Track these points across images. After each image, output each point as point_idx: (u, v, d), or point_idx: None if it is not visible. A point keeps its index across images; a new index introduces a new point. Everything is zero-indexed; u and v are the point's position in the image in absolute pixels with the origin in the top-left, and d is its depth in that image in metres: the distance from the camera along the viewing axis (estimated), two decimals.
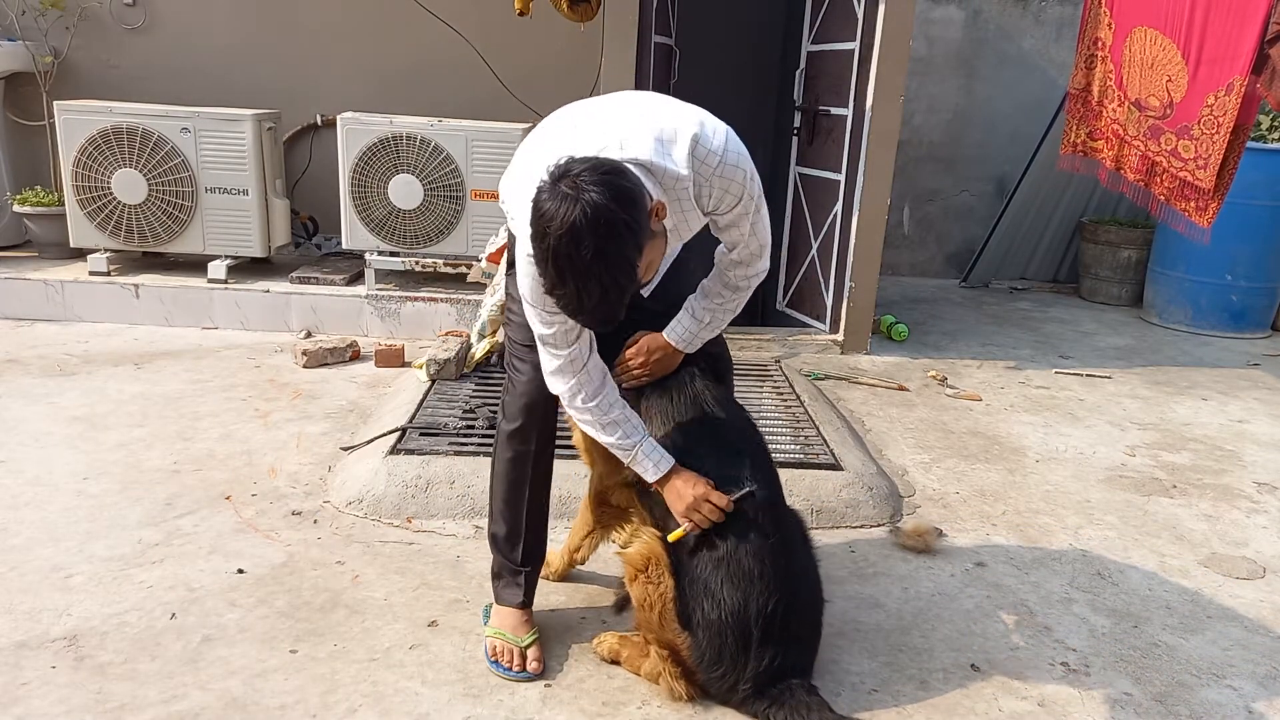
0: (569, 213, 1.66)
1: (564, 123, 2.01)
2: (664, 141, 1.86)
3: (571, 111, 2.04)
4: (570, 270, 1.69)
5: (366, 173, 4.71)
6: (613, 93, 2.13)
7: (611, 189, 1.69)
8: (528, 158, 2.01)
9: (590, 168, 1.71)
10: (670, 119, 1.89)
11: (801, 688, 2.05)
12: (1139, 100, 4.41)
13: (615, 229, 1.69)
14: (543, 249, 1.71)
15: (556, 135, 1.96)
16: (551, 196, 1.70)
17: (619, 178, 1.73)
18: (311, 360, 4.27)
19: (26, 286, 4.75)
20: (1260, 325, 5.86)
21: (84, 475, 3.09)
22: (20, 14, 5.18)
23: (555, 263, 1.70)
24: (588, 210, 1.66)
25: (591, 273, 1.69)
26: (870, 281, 4.82)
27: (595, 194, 1.67)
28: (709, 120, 1.93)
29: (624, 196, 1.71)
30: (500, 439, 2.29)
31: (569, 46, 5.37)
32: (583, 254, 1.67)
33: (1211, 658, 2.46)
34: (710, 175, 1.91)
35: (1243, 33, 3.86)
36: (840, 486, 3.14)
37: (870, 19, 4.55)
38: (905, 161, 6.47)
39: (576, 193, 1.67)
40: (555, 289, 1.74)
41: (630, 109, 1.95)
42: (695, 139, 1.87)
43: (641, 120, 1.89)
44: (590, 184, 1.68)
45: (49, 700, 2.05)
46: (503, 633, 2.27)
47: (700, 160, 1.88)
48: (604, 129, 1.89)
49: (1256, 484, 3.60)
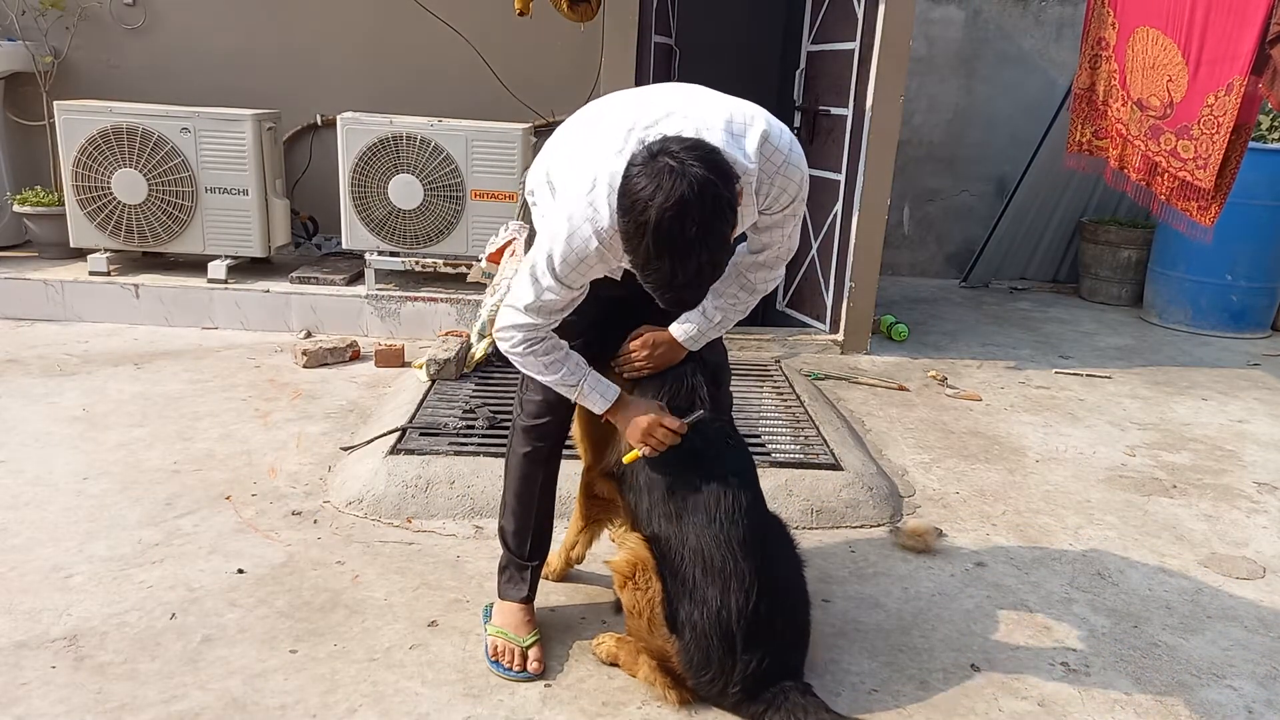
0: (676, 186, 1.65)
1: (619, 108, 1.99)
2: (734, 134, 1.86)
3: (622, 100, 2.04)
4: (670, 245, 1.69)
5: (366, 173, 4.71)
6: (654, 85, 2.12)
7: (714, 166, 1.70)
8: (580, 139, 2.02)
9: (689, 146, 1.71)
10: (739, 111, 1.90)
11: (795, 689, 2.05)
12: (1140, 100, 4.42)
13: (720, 206, 1.69)
14: (641, 222, 1.69)
15: (616, 117, 1.95)
16: (650, 172, 1.69)
17: (718, 155, 1.74)
18: (311, 360, 4.27)
19: (26, 286, 4.75)
20: (1260, 325, 5.86)
21: (84, 475, 3.09)
22: (20, 14, 5.18)
23: (656, 237, 1.68)
24: (694, 185, 1.66)
25: (692, 249, 1.69)
26: (870, 281, 4.82)
27: (700, 170, 1.67)
28: (773, 118, 1.94)
29: (726, 175, 1.72)
30: (516, 434, 2.30)
31: (569, 46, 5.37)
32: (687, 230, 1.67)
33: (1211, 658, 2.46)
34: (774, 172, 1.92)
35: (1243, 33, 3.86)
36: (840, 486, 3.14)
37: (870, 19, 4.55)
38: (905, 161, 6.47)
39: (682, 168, 1.67)
40: (648, 264, 1.73)
41: (695, 97, 1.95)
42: (765, 134, 1.88)
43: (712, 108, 1.89)
44: (694, 161, 1.68)
45: (49, 700, 2.05)
46: (504, 632, 2.27)
47: (766, 157, 1.89)
48: (676, 113, 1.88)
49: (1256, 484, 3.60)
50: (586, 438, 2.32)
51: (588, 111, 2.12)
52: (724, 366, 2.43)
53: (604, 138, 1.91)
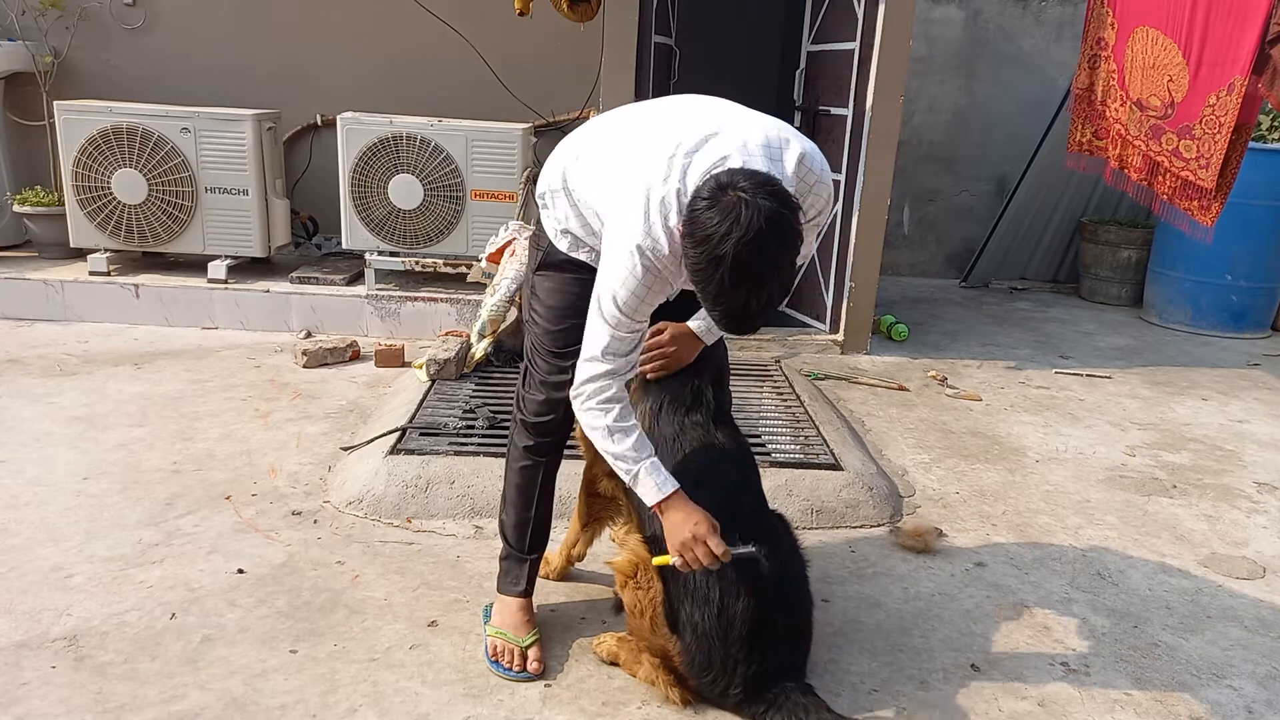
0: (753, 221, 1.69)
1: (654, 128, 1.97)
2: (773, 157, 1.88)
3: (653, 117, 2.02)
4: (747, 277, 1.72)
5: (366, 173, 4.71)
6: (679, 99, 2.11)
7: (783, 198, 1.74)
8: (610, 158, 2.01)
9: (755, 179, 1.74)
10: (775, 132, 1.93)
11: (797, 689, 2.05)
12: (1140, 100, 4.42)
13: (792, 236, 1.74)
14: (717, 256, 1.71)
15: (654, 139, 1.93)
16: (722, 207, 1.71)
17: (781, 186, 1.78)
18: (311, 360, 4.27)
19: (26, 286, 4.75)
20: (1260, 325, 5.86)
21: (84, 475, 3.09)
22: (20, 14, 5.18)
23: (734, 270, 1.71)
24: (773, 219, 1.70)
25: (767, 280, 1.73)
26: (870, 281, 4.82)
27: (770, 203, 1.71)
28: (803, 136, 1.98)
29: (793, 206, 1.77)
30: (517, 430, 2.30)
31: (569, 46, 5.37)
32: (765, 262, 1.71)
33: (1211, 658, 2.46)
34: (807, 191, 1.95)
35: (1243, 33, 3.86)
36: (840, 486, 3.14)
37: (870, 19, 4.55)
38: (905, 161, 6.46)
39: (754, 201, 1.70)
40: (721, 295, 1.75)
41: (730, 118, 1.95)
42: (801, 155, 1.92)
43: (750, 130, 1.91)
44: (763, 195, 1.71)
45: (49, 700, 2.05)
46: (504, 632, 2.27)
47: (800, 178, 1.92)
48: (717, 135, 1.89)
49: (1256, 484, 3.60)
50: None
51: (612, 125, 2.10)
52: (725, 368, 2.44)
53: (644, 162, 1.90)
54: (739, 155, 1.85)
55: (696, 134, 1.89)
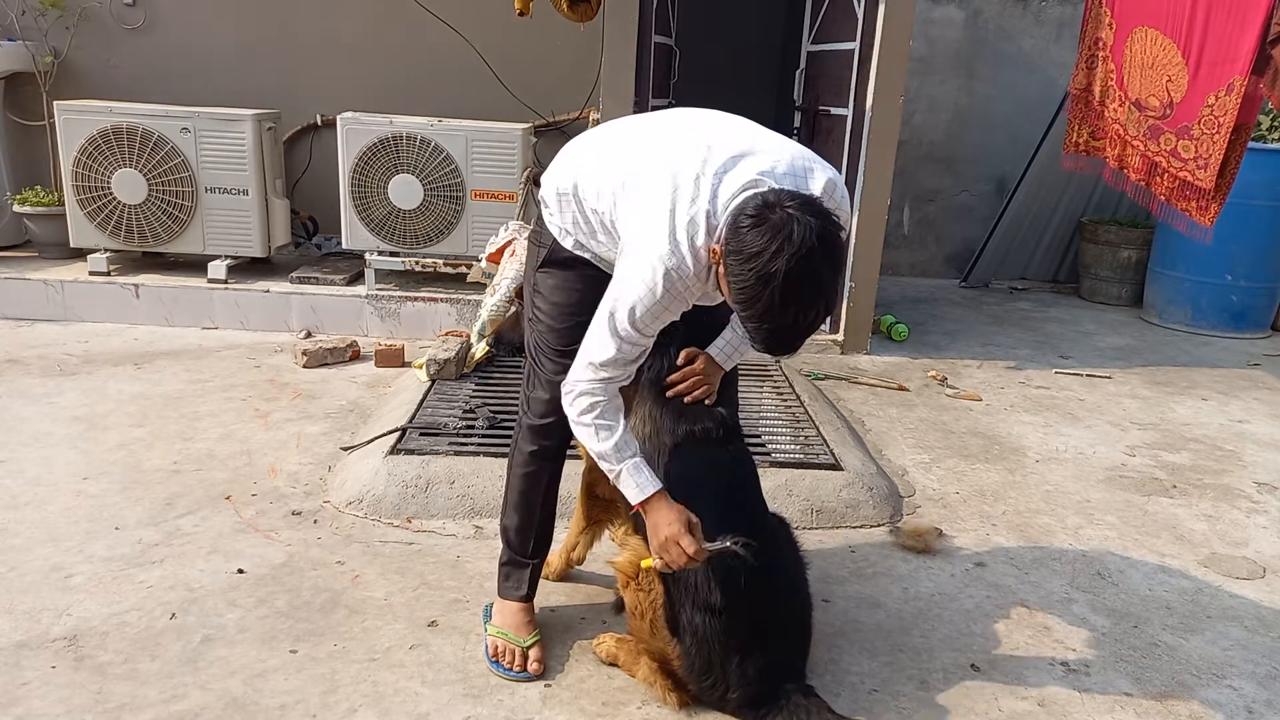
0: (805, 238, 1.69)
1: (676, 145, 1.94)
2: (799, 184, 1.87)
3: (673, 133, 1.99)
4: (796, 295, 1.72)
5: (366, 173, 4.71)
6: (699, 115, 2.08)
7: (830, 220, 1.75)
8: (626, 172, 1.98)
9: (800, 202, 1.75)
10: (801, 156, 1.92)
11: (797, 690, 2.05)
12: (1139, 100, 4.41)
13: (841, 256, 1.76)
14: (768, 273, 1.70)
15: (677, 157, 1.90)
16: (771, 225, 1.71)
17: (823, 205, 1.78)
18: (311, 360, 4.27)
19: (26, 286, 4.75)
20: (1260, 325, 5.86)
21: (84, 475, 3.09)
22: (20, 14, 5.18)
23: (785, 287, 1.70)
24: (824, 236, 1.71)
25: (816, 297, 1.74)
26: (870, 281, 4.82)
27: (819, 222, 1.72)
28: (828, 164, 1.96)
29: (839, 226, 1.77)
30: (521, 433, 2.29)
31: (569, 46, 5.37)
32: (816, 280, 1.72)
33: (1211, 658, 2.46)
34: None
35: (1243, 33, 3.86)
36: (840, 486, 3.14)
37: (870, 19, 4.55)
38: (905, 161, 6.46)
39: (804, 219, 1.71)
40: (769, 313, 1.74)
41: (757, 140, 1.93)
42: (829, 182, 1.90)
43: (776, 153, 1.90)
44: (810, 215, 1.72)
45: (49, 700, 2.05)
46: (505, 632, 2.27)
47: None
48: (746, 156, 1.88)
49: (1256, 484, 3.60)
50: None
51: (629, 136, 2.07)
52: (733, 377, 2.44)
53: (670, 180, 1.87)
54: (768, 178, 1.84)
55: (725, 154, 1.88)
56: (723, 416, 2.22)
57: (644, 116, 2.12)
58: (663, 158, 1.92)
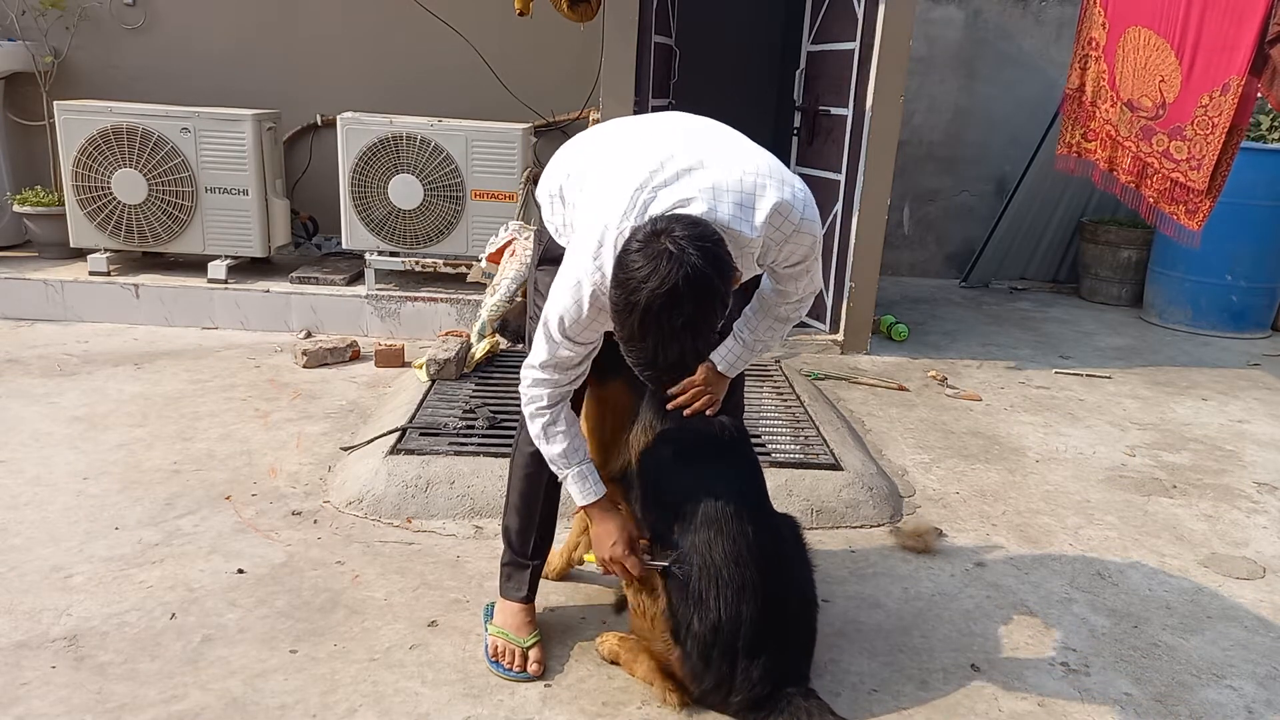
0: (671, 274, 1.64)
1: (637, 152, 1.92)
2: (744, 205, 1.83)
3: (642, 138, 1.97)
4: (656, 330, 1.69)
5: (366, 173, 4.71)
6: (688, 116, 2.07)
7: (714, 260, 1.68)
8: (596, 172, 1.98)
9: (693, 234, 1.68)
10: (752, 177, 1.85)
11: (799, 694, 2.04)
12: (1131, 101, 4.40)
13: (712, 299, 1.69)
14: (631, 302, 1.68)
15: (632, 165, 1.89)
16: (649, 253, 1.67)
17: (719, 247, 1.71)
18: (311, 360, 4.27)
19: (26, 286, 4.75)
20: (1260, 325, 5.86)
21: (84, 475, 3.09)
22: (20, 14, 5.18)
23: (643, 320, 1.68)
24: (691, 275, 1.64)
25: (677, 336, 1.69)
26: (870, 281, 4.82)
27: (698, 260, 1.65)
28: (786, 182, 1.88)
29: (724, 268, 1.70)
30: (523, 434, 2.29)
31: (569, 46, 5.37)
32: (675, 318, 1.67)
33: (1211, 658, 2.46)
34: (783, 241, 1.90)
35: (1240, 33, 3.85)
36: (840, 486, 3.14)
37: (870, 19, 4.55)
38: (905, 161, 6.47)
39: (681, 255, 1.65)
40: (632, 341, 1.73)
41: (710, 154, 1.88)
42: (775, 207, 1.84)
43: (726, 172, 1.84)
44: (694, 250, 1.65)
45: (49, 700, 2.05)
46: (505, 632, 2.27)
47: (775, 227, 1.87)
48: (689, 173, 1.84)
49: (1256, 484, 3.60)
50: (593, 438, 2.30)
51: (607, 142, 2.06)
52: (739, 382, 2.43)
53: (614, 193, 1.86)
54: (705, 199, 1.80)
55: (676, 166, 1.85)
56: (723, 425, 2.21)
57: (635, 120, 2.11)
58: (621, 168, 1.90)
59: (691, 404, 2.19)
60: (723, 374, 2.24)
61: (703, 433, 2.18)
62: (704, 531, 2.05)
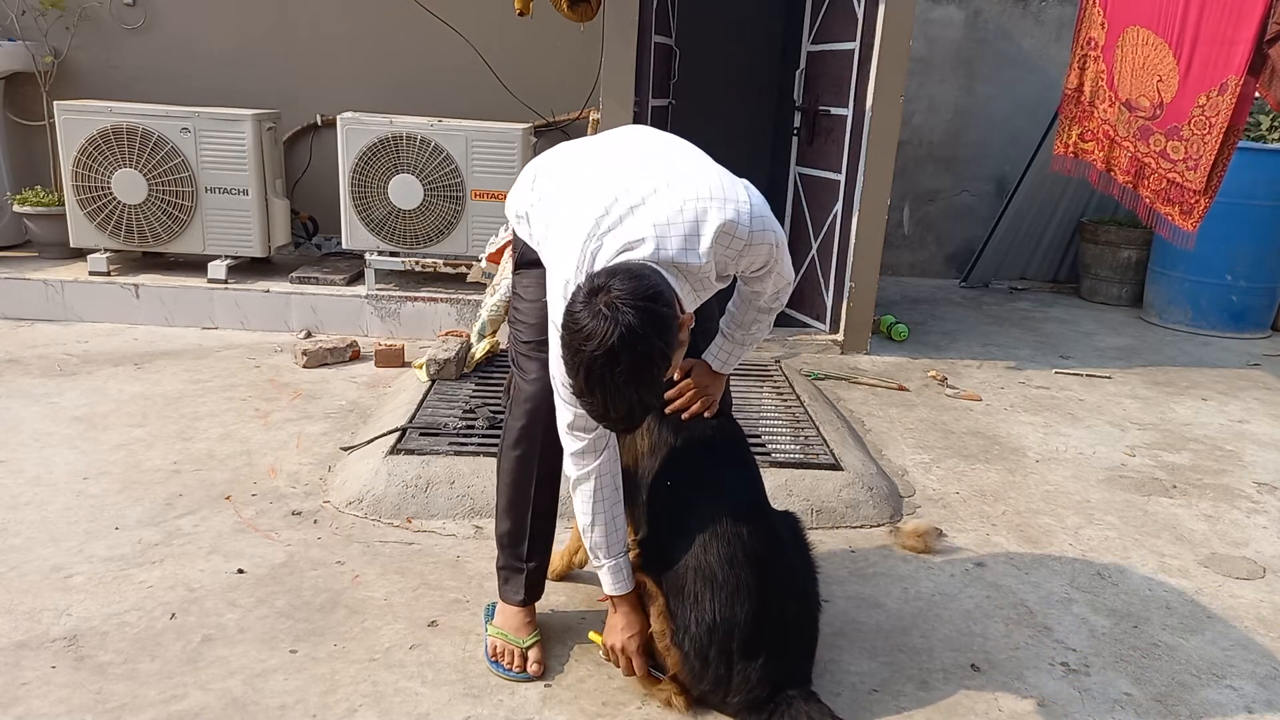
0: (608, 335, 1.67)
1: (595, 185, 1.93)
2: (688, 236, 1.84)
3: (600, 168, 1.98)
4: (601, 387, 1.72)
5: (366, 173, 4.71)
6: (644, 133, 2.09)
7: (649, 316, 1.70)
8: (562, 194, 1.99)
9: (629, 291, 1.70)
10: (693, 204, 1.85)
11: (800, 696, 2.03)
12: (1129, 101, 4.40)
13: (651, 356, 1.71)
14: (575, 361, 1.73)
15: (589, 203, 1.90)
16: (589, 313, 1.70)
17: (656, 303, 1.73)
18: (311, 360, 4.27)
19: (26, 286, 4.75)
20: (1260, 325, 5.86)
21: (84, 475, 3.09)
22: (20, 14, 5.19)
23: (588, 377, 1.72)
24: (625, 336, 1.67)
25: (621, 392, 1.72)
26: (870, 281, 4.82)
27: (633, 319, 1.68)
28: (731, 199, 1.88)
29: (661, 323, 1.72)
30: (506, 437, 2.29)
31: (569, 46, 5.38)
32: (616, 376, 1.70)
33: (1211, 658, 2.46)
34: (736, 255, 1.92)
35: (1238, 32, 3.84)
36: (840, 486, 3.14)
37: (870, 19, 4.55)
38: (905, 161, 6.47)
39: (614, 314, 1.68)
40: (583, 396, 1.76)
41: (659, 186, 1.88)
42: (719, 230, 1.85)
43: (670, 204, 1.85)
44: (628, 308, 1.68)
45: (49, 700, 2.05)
46: (504, 633, 2.27)
47: (724, 247, 1.88)
48: (637, 210, 1.85)
49: (1256, 484, 3.60)
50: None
51: (566, 167, 2.07)
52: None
53: (570, 238, 1.88)
54: (651, 239, 1.82)
55: (618, 210, 1.86)
56: (720, 427, 2.22)
57: (593, 145, 2.09)
58: (573, 212, 1.91)
59: (689, 407, 2.20)
60: (717, 372, 2.25)
61: (699, 435, 2.19)
62: (700, 533, 2.05)
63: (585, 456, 2.02)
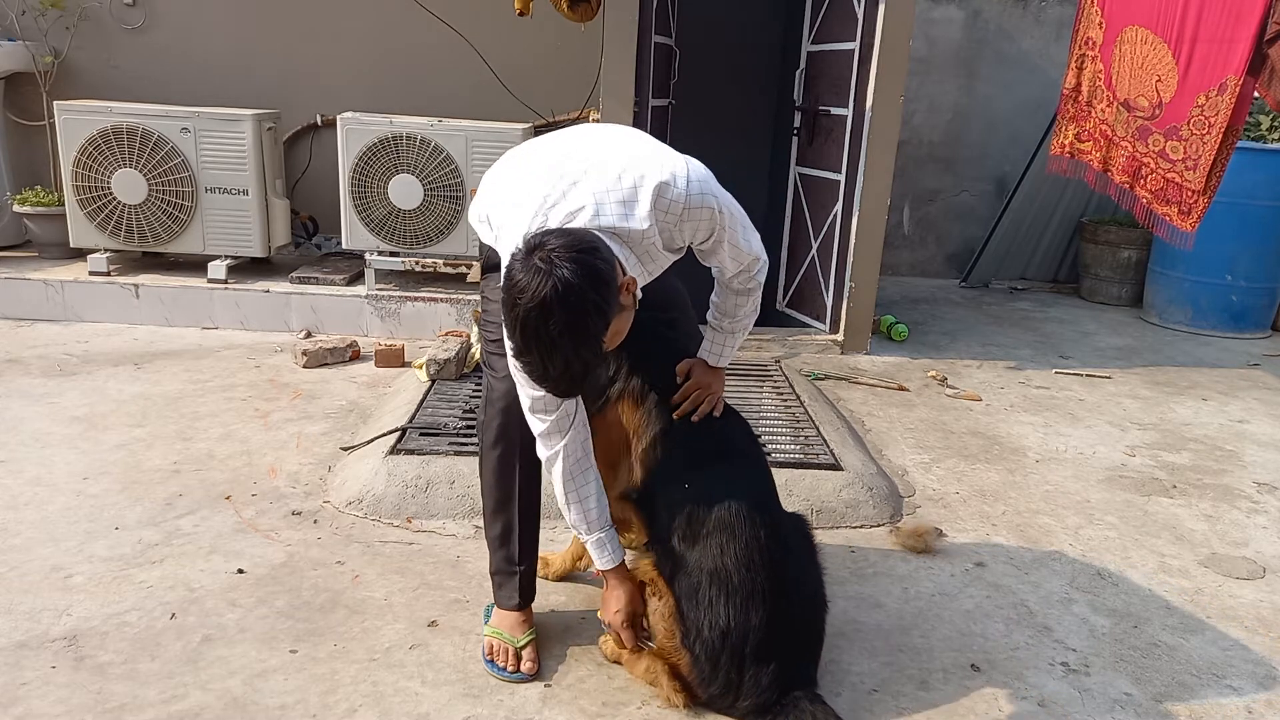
0: (540, 287, 1.69)
1: (539, 169, 1.99)
2: (626, 200, 1.88)
3: (544, 157, 2.04)
4: (536, 342, 1.73)
5: (366, 173, 4.71)
6: (590, 126, 2.15)
7: (584, 268, 1.72)
8: (512, 187, 2.03)
9: (565, 245, 1.73)
10: (631, 172, 1.90)
11: (806, 698, 2.03)
12: (1127, 100, 4.40)
13: (584, 308, 1.72)
14: (512, 317, 1.74)
15: (536, 182, 1.95)
16: (524, 268, 1.72)
17: (592, 256, 1.75)
18: (311, 360, 4.27)
19: (26, 286, 4.75)
20: (1260, 325, 5.86)
21: (84, 475, 3.09)
22: (20, 14, 5.18)
23: (523, 333, 1.73)
24: (558, 287, 1.69)
25: (557, 347, 1.72)
26: (870, 281, 4.82)
27: (567, 272, 1.69)
28: (670, 165, 1.92)
29: (595, 276, 1.73)
30: (485, 437, 2.30)
31: (569, 46, 5.37)
32: (550, 329, 1.71)
33: (1211, 658, 2.46)
34: (678, 221, 1.94)
35: (1238, 32, 3.84)
36: (840, 486, 3.14)
37: (870, 19, 4.55)
38: (905, 161, 6.47)
39: (549, 268, 1.70)
40: (520, 355, 1.78)
41: (597, 161, 1.94)
42: (657, 192, 1.88)
43: (608, 174, 1.90)
44: (564, 261, 1.70)
45: (49, 700, 2.05)
46: (499, 632, 2.27)
47: (663, 211, 1.91)
48: (578, 185, 1.90)
49: (1256, 484, 3.60)
50: (600, 460, 2.25)
51: (522, 163, 2.10)
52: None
53: (519, 222, 1.92)
54: (592, 206, 1.86)
55: (562, 184, 1.90)
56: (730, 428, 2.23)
57: (544, 142, 2.12)
58: (522, 199, 1.95)
59: (696, 407, 2.20)
60: (715, 368, 2.27)
61: (709, 437, 2.18)
62: (716, 536, 2.05)
63: (551, 438, 2.05)
